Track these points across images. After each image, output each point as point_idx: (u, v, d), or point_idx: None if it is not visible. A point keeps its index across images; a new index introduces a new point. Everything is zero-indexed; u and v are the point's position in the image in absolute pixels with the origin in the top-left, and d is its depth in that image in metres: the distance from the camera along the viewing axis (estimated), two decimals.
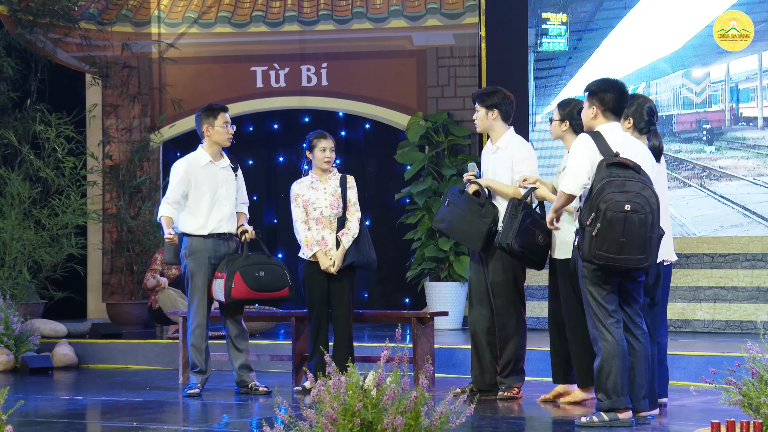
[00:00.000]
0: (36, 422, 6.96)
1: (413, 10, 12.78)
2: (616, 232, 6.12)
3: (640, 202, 6.15)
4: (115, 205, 12.93)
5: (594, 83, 6.61)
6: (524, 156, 7.72)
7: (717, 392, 5.97)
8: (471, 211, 7.59)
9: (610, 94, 6.50)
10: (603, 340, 6.31)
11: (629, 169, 6.25)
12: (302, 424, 4.86)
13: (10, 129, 12.43)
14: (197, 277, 8.16)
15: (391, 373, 4.98)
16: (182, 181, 8.17)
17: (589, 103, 6.56)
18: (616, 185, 6.17)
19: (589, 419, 6.31)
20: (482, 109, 7.82)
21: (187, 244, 8.20)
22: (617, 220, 6.12)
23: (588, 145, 6.36)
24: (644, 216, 6.16)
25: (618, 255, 6.15)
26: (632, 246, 6.15)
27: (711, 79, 11.20)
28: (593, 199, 6.19)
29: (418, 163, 12.05)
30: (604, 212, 6.12)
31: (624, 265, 6.19)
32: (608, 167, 6.24)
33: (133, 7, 13.26)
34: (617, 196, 6.14)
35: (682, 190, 11.11)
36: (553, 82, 11.91)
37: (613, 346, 6.29)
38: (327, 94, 12.99)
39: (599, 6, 11.75)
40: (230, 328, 8.26)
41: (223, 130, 8.24)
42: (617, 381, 6.28)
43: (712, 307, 10.88)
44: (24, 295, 11.72)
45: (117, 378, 9.68)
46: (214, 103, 8.43)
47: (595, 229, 6.13)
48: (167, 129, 13.22)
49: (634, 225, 6.14)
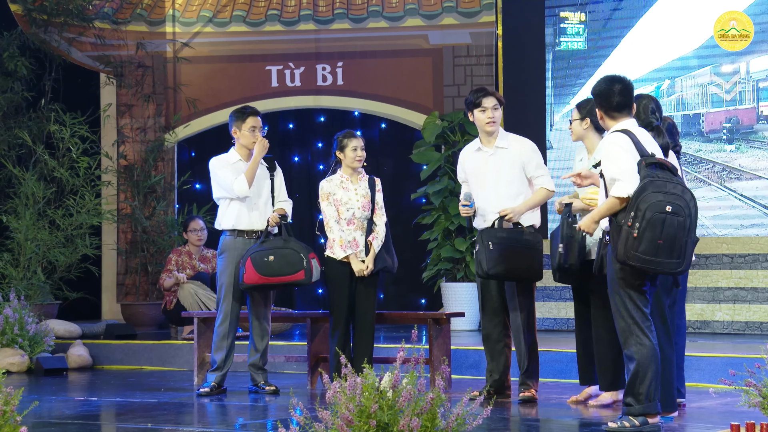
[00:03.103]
0: (50, 423, 6.93)
1: (429, 9, 12.73)
2: (655, 234, 6.00)
3: (680, 204, 6.04)
4: (129, 206, 12.90)
5: (595, 85, 6.47)
6: (538, 156, 7.66)
7: (737, 394, 5.92)
8: (523, 243, 7.47)
9: (612, 91, 6.36)
10: (639, 344, 6.18)
11: (667, 170, 6.16)
12: (318, 425, 4.82)
13: (25, 129, 12.42)
14: (226, 275, 8.18)
15: (407, 375, 4.93)
16: (224, 167, 8.20)
17: (597, 107, 6.45)
18: (657, 185, 6.05)
19: (619, 424, 6.18)
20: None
21: (221, 242, 8.28)
22: (657, 221, 6.00)
23: (627, 145, 6.22)
24: (683, 219, 6.04)
25: (654, 257, 6.02)
26: (669, 249, 6.03)
27: (740, 75, 11.10)
28: (633, 199, 6.06)
29: (434, 162, 12.00)
30: (644, 212, 6.00)
31: (658, 268, 6.08)
32: (647, 167, 6.12)
33: (147, 6, 13.24)
34: (658, 197, 6.02)
35: (701, 190, 11.01)
36: (571, 81, 11.83)
37: (649, 351, 6.17)
38: (342, 94, 12.95)
39: (618, 4, 11.67)
40: (254, 324, 8.26)
41: (249, 134, 8.24)
42: (651, 386, 6.18)
43: (732, 308, 10.79)
44: (38, 296, 11.70)
45: (131, 379, 9.65)
46: (246, 106, 8.45)
47: (635, 230, 6.01)
48: (182, 129, 13.19)
49: (673, 228, 6.01)
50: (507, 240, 7.45)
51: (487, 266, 7.44)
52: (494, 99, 7.69)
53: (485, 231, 7.55)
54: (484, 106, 7.67)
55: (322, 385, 8.22)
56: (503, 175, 7.61)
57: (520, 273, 7.48)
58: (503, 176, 7.61)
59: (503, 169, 7.62)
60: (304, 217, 12.80)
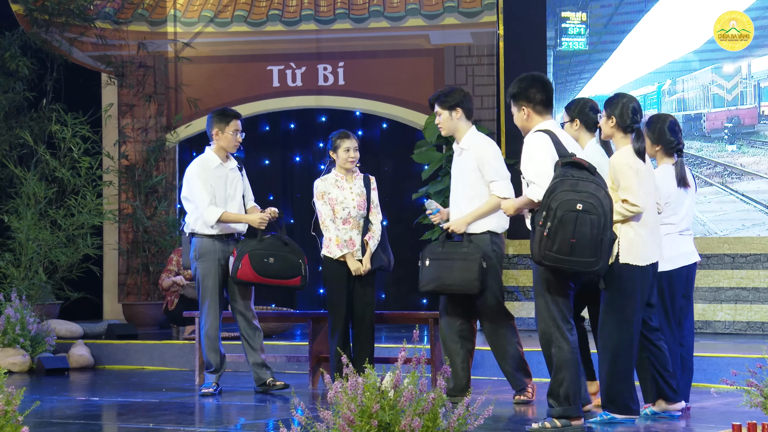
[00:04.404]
0: (52, 423, 6.94)
1: (430, 9, 12.72)
2: (567, 232, 5.98)
3: (593, 202, 6.01)
4: (131, 205, 12.90)
5: (514, 84, 6.49)
6: (496, 161, 7.47)
7: (738, 394, 5.92)
8: (458, 256, 7.37)
9: (534, 90, 6.40)
10: (558, 347, 6.19)
11: (584, 169, 6.13)
12: (319, 425, 4.82)
13: (26, 129, 12.42)
14: (207, 279, 8.17)
15: (408, 375, 4.93)
16: (206, 181, 8.18)
17: (517, 106, 6.45)
18: (569, 184, 6.04)
19: (541, 425, 6.18)
20: (444, 111, 7.58)
21: (196, 246, 8.23)
22: (569, 220, 5.98)
23: (547, 146, 6.24)
24: (597, 217, 6.01)
25: (568, 256, 6.00)
26: (583, 247, 6.00)
27: (742, 75, 11.09)
28: (545, 198, 6.06)
29: (436, 162, 11.99)
30: (556, 211, 5.99)
31: (573, 267, 6.05)
32: (563, 166, 6.13)
33: (149, 6, 13.23)
34: (569, 195, 6.01)
35: (703, 189, 11.01)
36: (572, 81, 11.83)
37: (568, 354, 6.18)
38: (344, 94, 12.94)
39: (619, 4, 11.66)
40: (242, 327, 8.25)
41: (232, 136, 8.27)
42: (570, 389, 6.16)
43: (733, 308, 10.78)
44: (40, 296, 11.71)
45: (133, 379, 9.65)
46: (228, 108, 8.45)
47: (546, 229, 6.00)
48: (183, 128, 13.19)
49: (585, 226, 5.99)
50: (443, 254, 7.41)
51: (420, 283, 7.48)
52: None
53: (427, 246, 7.57)
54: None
55: (323, 385, 8.21)
56: (464, 176, 7.52)
57: (454, 288, 7.39)
58: (463, 178, 7.52)
59: (465, 170, 7.53)
60: (305, 218, 12.79)
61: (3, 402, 5.07)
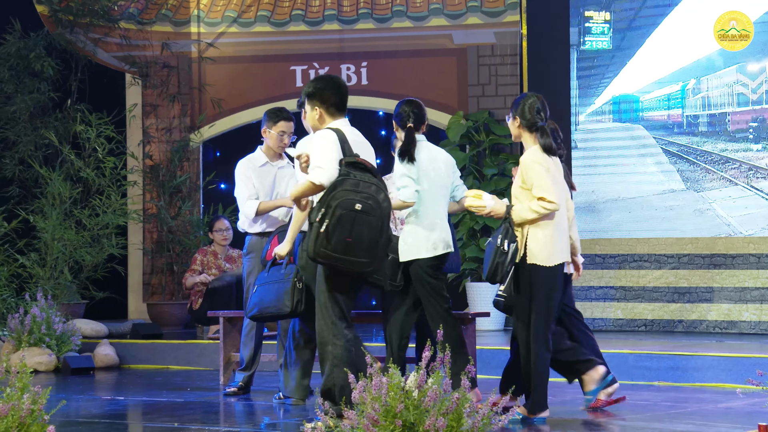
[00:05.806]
0: (77, 422, 6.97)
1: (453, 8, 12.71)
2: (344, 231, 6.02)
3: (372, 204, 6.06)
4: (155, 205, 12.94)
5: (309, 84, 6.53)
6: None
7: (764, 394, 5.89)
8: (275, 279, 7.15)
9: (329, 92, 6.42)
10: (334, 344, 6.20)
11: (367, 171, 6.18)
12: (343, 425, 4.82)
13: (51, 129, 12.48)
14: (251, 276, 8.18)
15: (432, 375, 4.93)
16: (247, 178, 8.19)
17: (311, 105, 6.47)
18: (350, 183, 6.09)
19: (313, 425, 6.07)
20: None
21: (247, 242, 8.28)
22: (347, 219, 6.02)
23: (334, 142, 6.26)
24: (375, 219, 6.06)
25: (343, 255, 6.04)
26: (358, 248, 6.04)
27: (766, 74, 11.02)
28: (325, 196, 6.10)
29: (459, 162, 11.95)
30: (335, 209, 6.02)
31: (348, 266, 6.09)
32: (347, 166, 6.17)
33: (172, 7, 13.27)
34: (349, 195, 6.05)
35: (728, 189, 10.97)
36: (596, 81, 11.80)
37: (342, 351, 6.19)
38: (367, 94, 12.94)
39: (643, 4, 11.63)
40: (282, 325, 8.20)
41: (277, 136, 8.25)
42: (344, 387, 6.07)
43: (759, 308, 10.73)
44: (65, 296, 11.76)
45: (158, 378, 9.68)
46: (281, 109, 8.43)
47: (324, 226, 6.02)
48: (207, 129, 13.22)
49: (362, 226, 6.03)
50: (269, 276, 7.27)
51: None
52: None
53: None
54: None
55: None
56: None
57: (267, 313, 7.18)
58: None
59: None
60: None
61: (29, 401, 5.10)
